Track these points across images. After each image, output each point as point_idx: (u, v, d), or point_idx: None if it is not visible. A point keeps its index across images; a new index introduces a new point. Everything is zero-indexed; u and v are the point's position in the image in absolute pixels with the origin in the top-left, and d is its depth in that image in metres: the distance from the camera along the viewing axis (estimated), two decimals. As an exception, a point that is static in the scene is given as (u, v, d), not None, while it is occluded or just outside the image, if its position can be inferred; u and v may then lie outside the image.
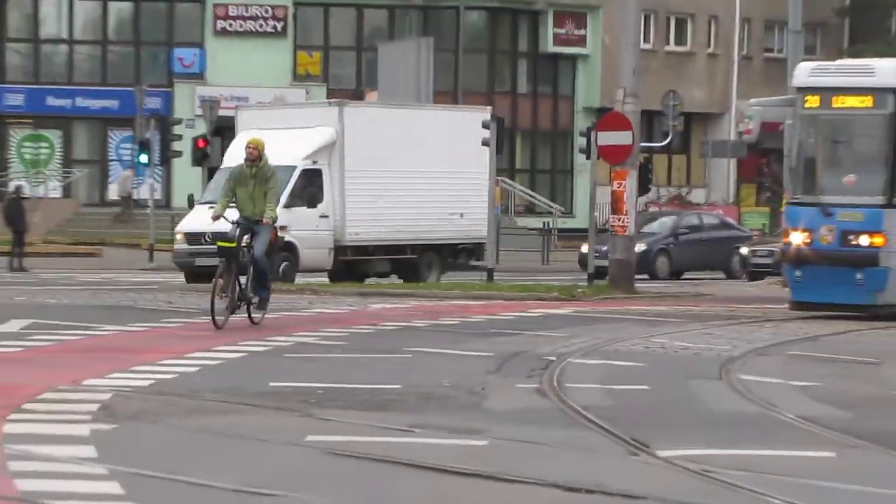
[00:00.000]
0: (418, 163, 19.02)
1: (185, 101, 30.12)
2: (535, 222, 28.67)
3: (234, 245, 10.73)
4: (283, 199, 16.47)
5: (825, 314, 13.78)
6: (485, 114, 20.04)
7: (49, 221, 27.72)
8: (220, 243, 11.21)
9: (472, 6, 30.72)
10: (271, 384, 7.95)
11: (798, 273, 14.12)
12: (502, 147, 20.05)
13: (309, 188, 18.24)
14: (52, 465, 4.62)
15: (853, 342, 12.21)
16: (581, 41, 32.03)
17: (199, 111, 27.49)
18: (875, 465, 5.36)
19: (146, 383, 7.72)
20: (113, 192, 31.96)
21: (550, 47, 32.12)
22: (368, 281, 19.71)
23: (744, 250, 25.68)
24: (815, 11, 26.96)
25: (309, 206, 18.09)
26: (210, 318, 10.72)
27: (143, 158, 25.41)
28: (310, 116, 19.94)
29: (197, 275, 17.56)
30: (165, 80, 30.45)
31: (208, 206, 15.64)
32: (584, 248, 21.63)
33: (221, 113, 24.67)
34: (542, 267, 27.26)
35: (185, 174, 26.31)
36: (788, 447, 5.80)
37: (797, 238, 13.95)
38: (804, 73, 14.74)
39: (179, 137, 24.80)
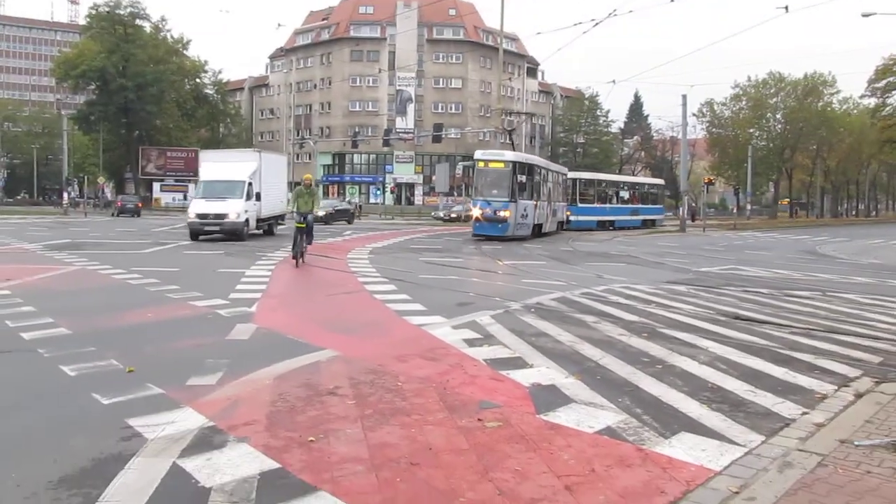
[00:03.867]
0: (272, 177, 33.36)
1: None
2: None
3: (304, 225, 19.39)
4: (244, 197, 29.22)
5: (488, 240, 31.84)
6: (283, 157, 39.91)
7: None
8: (297, 224, 19.42)
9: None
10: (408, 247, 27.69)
11: (478, 224, 33.32)
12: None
13: (251, 191, 29.88)
14: (360, 269, 18.56)
15: (548, 239, 35.66)
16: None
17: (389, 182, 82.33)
18: (553, 266, 21.45)
19: (379, 245, 28.24)
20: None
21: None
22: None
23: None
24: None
25: (256, 200, 30.44)
26: (293, 259, 19.31)
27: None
28: (244, 156, 32.48)
29: (199, 234, 29.02)
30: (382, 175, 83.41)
31: (204, 200, 29.00)
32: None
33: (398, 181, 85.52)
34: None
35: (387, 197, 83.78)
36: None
37: (478, 212, 33.39)
38: (479, 154, 34.54)
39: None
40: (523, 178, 33.36)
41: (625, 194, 54.24)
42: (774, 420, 6.44)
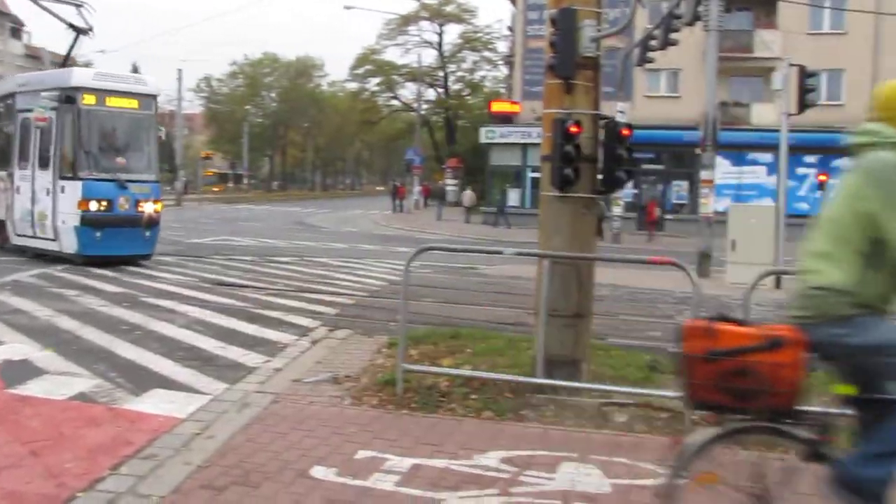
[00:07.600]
0: None
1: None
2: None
3: None
4: None
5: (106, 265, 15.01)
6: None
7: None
8: None
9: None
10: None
11: (98, 234, 14.92)
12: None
13: None
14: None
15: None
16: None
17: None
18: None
19: None
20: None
21: None
22: None
23: None
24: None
25: None
26: None
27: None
28: None
29: None
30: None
31: None
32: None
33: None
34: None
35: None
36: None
37: (95, 205, 14.92)
38: (88, 76, 16.33)
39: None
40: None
41: None
42: (240, 370, 7.19)
